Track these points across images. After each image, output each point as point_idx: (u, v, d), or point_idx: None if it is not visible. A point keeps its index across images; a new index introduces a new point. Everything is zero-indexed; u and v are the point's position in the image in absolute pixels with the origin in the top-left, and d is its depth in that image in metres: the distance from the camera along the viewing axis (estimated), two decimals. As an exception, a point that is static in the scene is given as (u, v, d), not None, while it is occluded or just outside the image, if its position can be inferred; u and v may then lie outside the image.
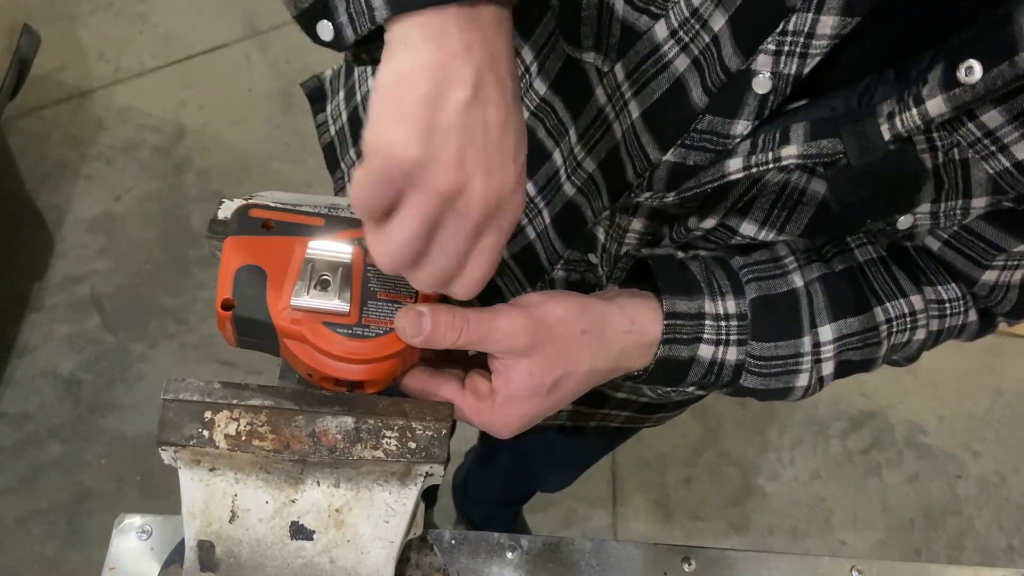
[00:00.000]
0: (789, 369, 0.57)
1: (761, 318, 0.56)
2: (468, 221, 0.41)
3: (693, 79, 0.48)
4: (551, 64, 0.57)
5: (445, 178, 0.39)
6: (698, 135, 0.50)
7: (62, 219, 1.89)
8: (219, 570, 0.48)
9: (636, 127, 0.52)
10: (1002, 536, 1.76)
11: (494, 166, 0.40)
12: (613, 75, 0.52)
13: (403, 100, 0.39)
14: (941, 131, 0.46)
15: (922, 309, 0.59)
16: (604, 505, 1.71)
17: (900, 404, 1.89)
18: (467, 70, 0.39)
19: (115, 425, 1.66)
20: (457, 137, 0.39)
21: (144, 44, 2.17)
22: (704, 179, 0.49)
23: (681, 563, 0.68)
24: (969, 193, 0.48)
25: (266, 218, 0.52)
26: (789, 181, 0.51)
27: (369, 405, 0.49)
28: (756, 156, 0.48)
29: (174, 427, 0.47)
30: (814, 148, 0.46)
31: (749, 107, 0.47)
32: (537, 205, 0.64)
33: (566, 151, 0.60)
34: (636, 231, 0.58)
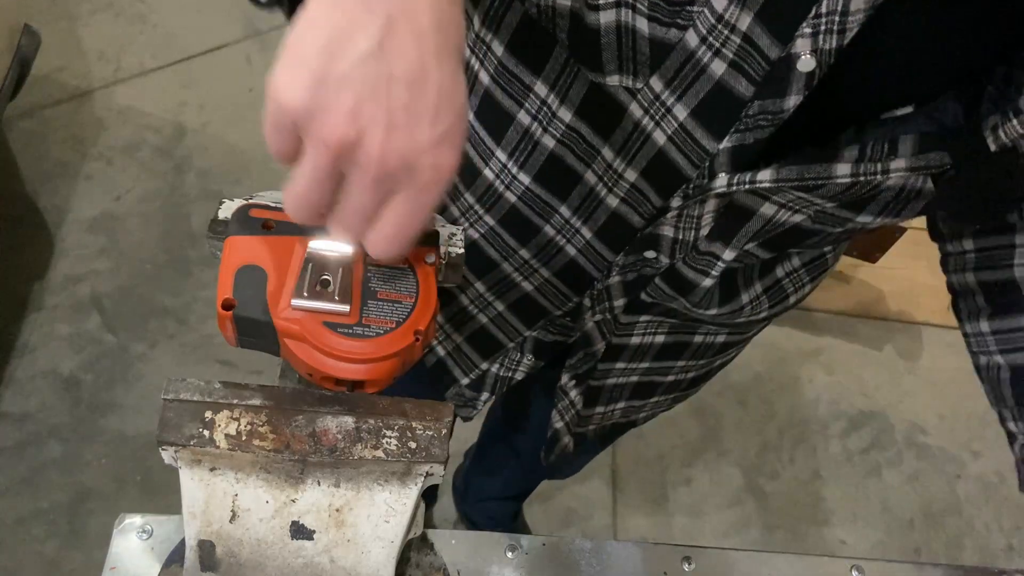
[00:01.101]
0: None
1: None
2: (367, 176, 0.39)
3: (734, 77, 0.49)
4: (575, 92, 0.57)
5: (335, 130, 0.38)
6: (751, 119, 0.50)
7: (62, 219, 1.89)
8: (219, 570, 0.48)
9: (687, 126, 0.53)
10: (1002, 536, 1.76)
11: (397, 122, 0.38)
12: (649, 89, 0.52)
13: (301, 47, 0.38)
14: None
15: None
16: (604, 505, 1.71)
17: (900, 404, 1.89)
18: (375, 19, 0.37)
19: (115, 425, 1.66)
20: (352, 88, 0.37)
21: (144, 44, 2.17)
22: (808, 175, 0.50)
23: (681, 563, 0.68)
24: None
25: (266, 218, 0.52)
26: (906, 184, 0.52)
27: (369, 405, 0.49)
28: (864, 165, 0.49)
29: (174, 427, 0.48)
30: (922, 161, 0.47)
31: (797, 84, 0.48)
32: (574, 225, 0.65)
33: (601, 168, 0.60)
34: (711, 211, 0.58)
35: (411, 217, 0.41)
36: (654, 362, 0.79)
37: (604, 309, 0.71)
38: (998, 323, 0.64)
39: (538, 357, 0.80)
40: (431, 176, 0.40)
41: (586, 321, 0.72)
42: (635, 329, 0.75)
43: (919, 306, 2.00)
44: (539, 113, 0.60)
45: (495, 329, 0.79)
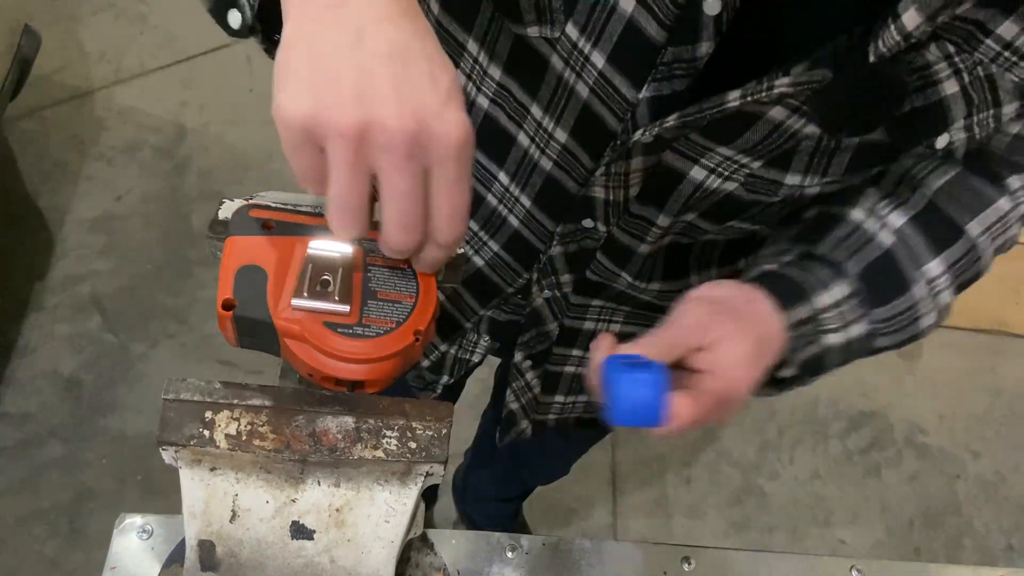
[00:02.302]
0: (912, 318, 0.60)
1: (871, 287, 0.59)
2: (397, 154, 0.39)
3: (644, 17, 0.50)
4: (500, 48, 0.58)
5: (344, 118, 0.38)
6: (667, 67, 0.51)
7: (63, 219, 1.89)
8: (220, 570, 0.48)
9: (606, 74, 0.53)
10: (1001, 536, 1.76)
11: (402, 92, 0.39)
12: (566, 37, 0.53)
13: (287, 65, 0.39)
14: (962, 54, 0.48)
15: (1009, 207, 0.61)
16: (604, 505, 1.71)
17: (900, 404, 1.89)
18: (344, 17, 0.39)
19: (116, 425, 1.67)
20: (347, 78, 0.38)
21: (145, 44, 2.17)
22: (705, 106, 0.51)
23: (681, 563, 0.68)
24: (999, 103, 0.51)
25: (266, 218, 0.52)
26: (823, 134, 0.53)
27: (369, 405, 0.49)
28: (752, 86, 0.49)
29: (175, 427, 0.48)
30: (805, 76, 0.48)
31: (707, 30, 0.49)
32: (513, 193, 0.65)
33: (531, 129, 0.61)
34: (638, 170, 0.59)
35: (458, 187, 0.42)
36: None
37: (552, 285, 0.71)
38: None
39: (494, 338, 0.81)
40: (456, 136, 0.40)
41: (535, 297, 0.73)
42: (588, 313, 0.75)
43: (919, 306, 1.99)
44: (472, 72, 0.61)
45: (452, 308, 0.80)
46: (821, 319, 0.58)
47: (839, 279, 0.58)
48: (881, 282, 0.59)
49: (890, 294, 0.59)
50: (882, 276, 0.59)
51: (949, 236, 0.60)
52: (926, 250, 0.60)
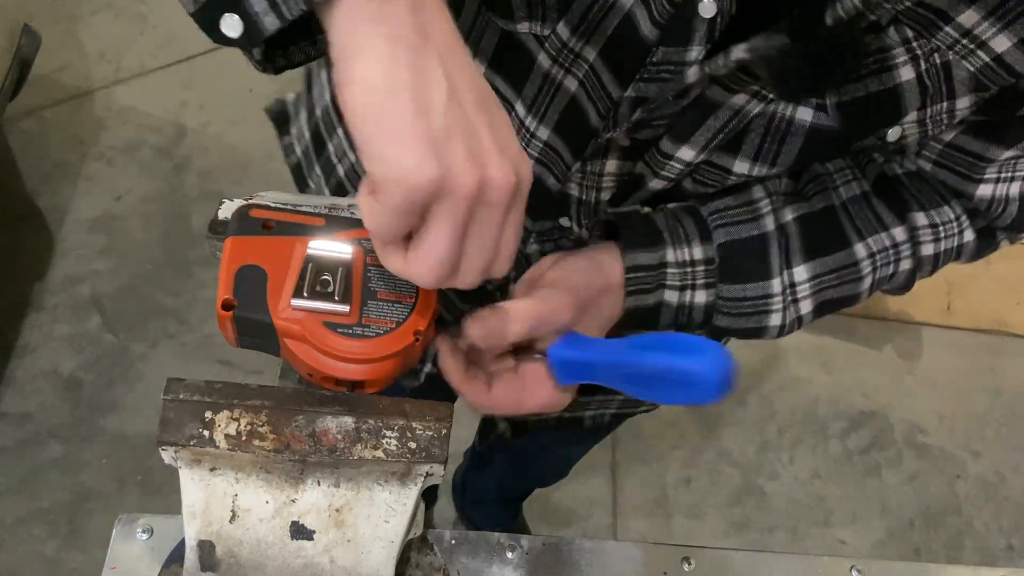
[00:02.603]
0: (760, 309, 0.59)
1: (728, 262, 0.58)
2: (498, 207, 0.40)
3: (641, 13, 0.49)
4: (486, 43, 0.57)
5: (468, 180, 0.38)
6: (655, 68, 0.51)
7: (62, 219, 1.89)
8: (219, 570, 0.48)
9: (595, 67, 0.53)
10: (1001, 536, 1.76)
11: (500, 142, 0.39)
12: (556, 36, 0.53)
13: (393, 120, 0.37)
14: (920, 39, 0.47)
15: (905, 240, 0.61)
16: (604, 505, 1.71)
17: (900, 404, 1.89)
18: (434, 62, 0.37)
19: (115, 425, 1.67)
20: (458, 135, 0.38)
21: (145, 44, 2.17)
22: (666, 88, 0.51)
23: (681, 563, 0.68)
24: (953, 94, 0.50)
25: (266, 218, 0.52)
26: (776, 113, 0.52)
27: (369, 405, 0.49)
28: (711, 60, 0.49)
29: (174, 427, 0.48)
30: (761, 42, 0.47)
31: (699, 33, 0.48)
32: None
33: (515, 126, 0.60)
34: (612, 173, 0.59)
35: (520, 226, 0.43)
36: None
37: None
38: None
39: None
40: (527, 179, 0.41)
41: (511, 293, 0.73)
42: None
43: (919, 306, 2.00)
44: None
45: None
46: (666, 272, 0.58)
47: (701, 241, 0.58)
48: (740, 261, 0.58)
49: (744, 276, 0.58)
50: (744, 256, 0.58)
51: (830, 246, 0.60)
52: (800, 250, 0.59)
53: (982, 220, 0.62)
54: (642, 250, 0.58)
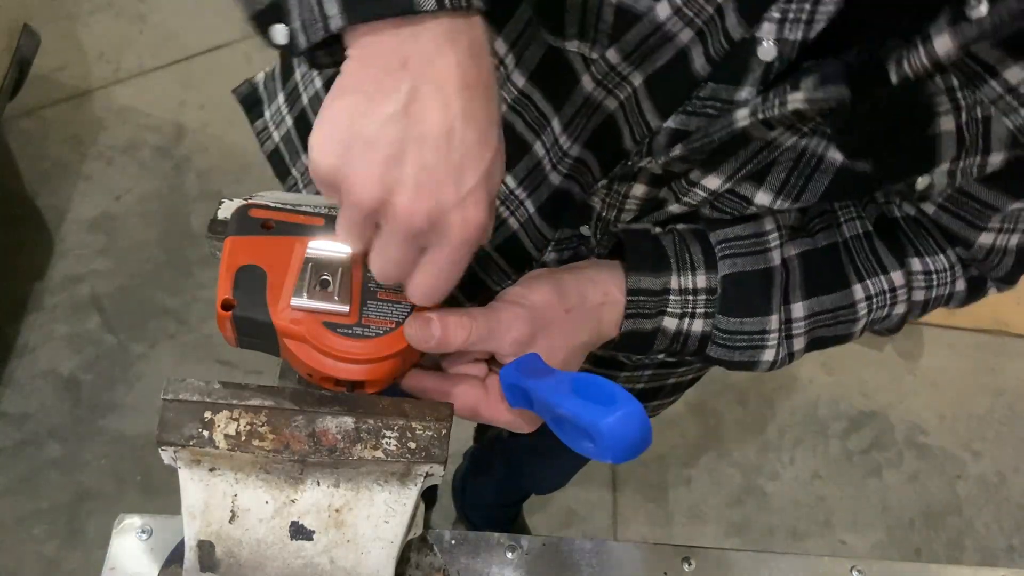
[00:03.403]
0: (755, 344, 0.58)
1: (731, 294, 0.57)
2: (397, 234, 0.41)
3: (696, 49, 0.48)
4: (530, 55, 0.56)
5: (363, 191, 0.39)
6: (700, 102, 0.49)
7: (62, 219, 1.89)
8: (219, 570, 0.48)
9: (638, 93, 0.52)
10: (1002, 536, 1.76)
11: (422, 183, 0.39)
12: (604, 60, 0.52)
13: (332, 111, 0.39)
14: (964, 90, 0.46)
15: (902, 284, 0.60)
16: (604, 505, 1.71)
17: (900, 404, 1.89)
18: (400, 85, 0.38)
19: (115, 425, 1.66)
20: (378, 151, 0.39)
21: (144, 44, 2.17)
22: (712, 129, 0.49)
23: (681, 563, 0.68)
24: (988, 149, 0.49)
25: (266, 218, 0.52)
26: (807, 148, 0.50)
27: (369, 405, 0.49)
28: (764, 104, 0.47)
29: (174, 427, 0.47)
30: (821, 93, 0.45)
31: (754, 74, 0.47)
32: (519, 197, 0.64)
33: (549, 142, 0.59)
34: (637, 197, 0.58)
35: (444, 272, 0.43)
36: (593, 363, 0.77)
37: None
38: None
39: None
40: (460, 233, 0.41)
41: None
42: None
43: (919, 306, 1.99)
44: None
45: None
46: (668, 299, 0.57)
47: (706, 270, 0.57)
48: (742, 295, 0.57)
49: (744, 310, 0.57)
50: (747, 290, 0.57)
51: (830, 286, 0.59)
52: (800, 287, 0.58)
53: (975, 269, 0.61)
54: (646, 274, 0.56)
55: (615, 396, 0.44)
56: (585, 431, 0.44)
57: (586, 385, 0.46)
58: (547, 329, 0.53)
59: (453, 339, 0.49)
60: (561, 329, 0.53)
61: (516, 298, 0.53)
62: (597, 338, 0.56)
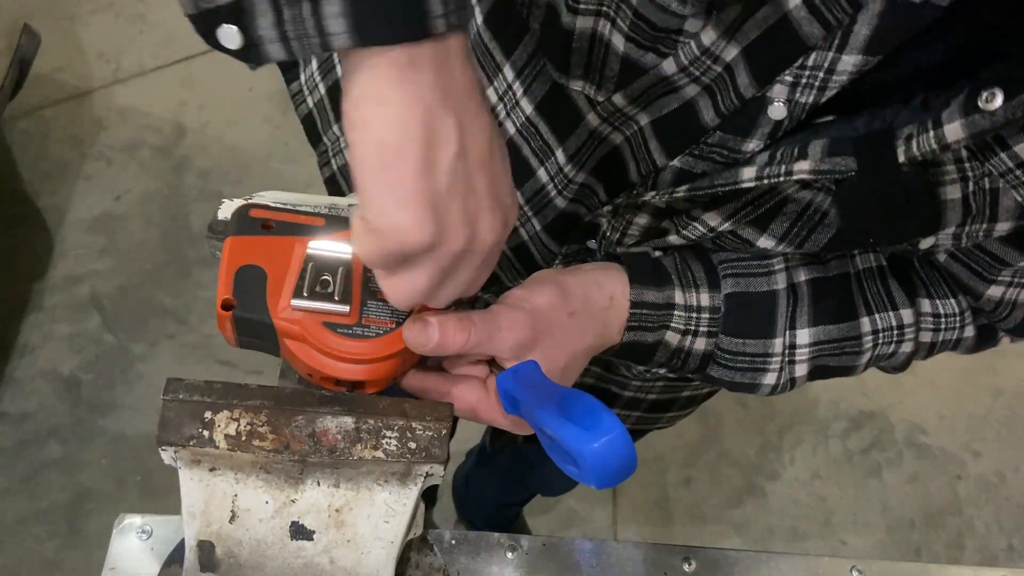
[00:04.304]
0: (756, 366, 0.57)
1: (733, 313, 0.56)
2: (479, 257, 0.42)
3: (704, 102, 0.48)
4: (536, 87, 0.57)
5: (457, 239, 0.39)
6: (708, 147, 0.49)
7: (62, 219, 1.89)
8: (219, 570, 0.48)
9: (644, 132, 0.52)
10: (1002, 536, 1.76)
11: (493, 197, 0.40)
12: (610, 103, 0.52)
13: (397, 175, 0.37)
14: (973, 161, 0.45)
15: (911, 323, 0.59)
16: (604, 505, 1.71)
17: (900, 404, 1.89)
18: (449, 123, 0.38)
19: (115, 425, 1.66)
20: (457, 195, 0.39)
21: (144, 44, 2.17)
22: (717, 182, 0.49)
23: (681, 563, 0.68)
24: (995, 218, 0.48)
25: (266, 218, 0.52)
26: (812, 202, 0.50)
27: (369, 405, 0.49)
28: (771, 168, 0.47)
29: (174, 427, 0.47)
30: (827, 164, 0.46)
31: (762, 130, 0.47)
32: (526, 212, 0.64)
33: (553, 170, 0.60)
34: (640, 225, 0.58)
35: (496, 259, 0.44)
36: (604, 369, 0.77)
37: None
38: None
39: None
40: (514, 220, 0.43)
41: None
42: None
43: (919, 306, 1.99)
44: (504, 97, 0.60)
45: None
46: (672, 313, 0.56)
47: (709, 289, 0.57)
48: (745, 316, 0.57)
49: (747, 331, 0.57)
50: (750, 311, 0.57)
51: (838, 315, 0.58)
52: (807, 314, 0.57)
53: (985, 318, 0.61)
54: (649, 287, 0.56)
55: (601, 420, 0.43)
56: (569, 455, 0.43)
57: (574, 404, 0.45)
58: (549, 333, 0.52)
59: (451, 343, 0.49)
60: (563, 333, 0.53)
61: (517, 302, 0.53)
62: (602, 342, 0.56)
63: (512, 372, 0.51)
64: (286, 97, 0.80)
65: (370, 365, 0.49)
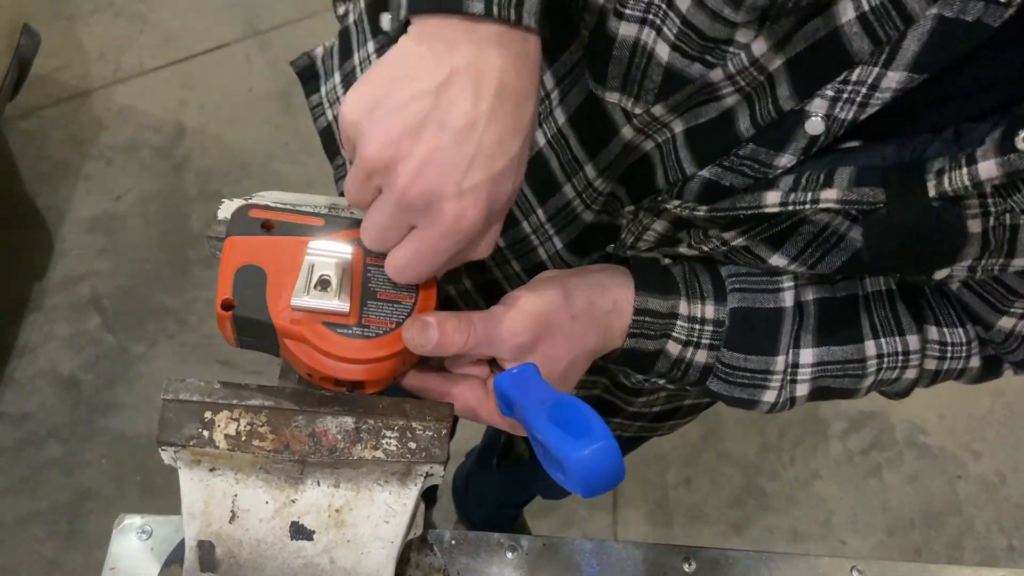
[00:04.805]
0: (756, 383, 0.57)
1: (737, 328, 0.56)
2: (390, 200, 0.43)
3: (742, 111, 0.48)
4: (573, 97, 0.56)
5: (371, 150, 0.41)
6: (738, 159, 0.49)
7: (62, 219, 1.89)
8: (219, 570, 0.48)
9: (676, 140, 0.52)
10: (1002, 536, 1.76)
11: (430, 162, 0.41)
12: (648, 114, 0.51)
13: (373, 74, 0.42)
14: (996, 197, 0.45)
15: (917, 350, 0.58)
16: (604, 505, 1.71)
17: (900, 404, 1.88)
18: (440, 68, 0.41)
19: (115, 425, 1.66)
20: (399, 119, 0.41)
21: (144, 44, 2.17)
22: (739, 204, 0.49)
23: (681, 563, 0.68)
24: (1013, 254, 0.48)
25: (266, 218, 0.52)
26: (830, 225, 0.50)
27: (369, 405, 0.49)
28: (796, 194, 0.47)
29: (174, 427, 0.47)
30: (855, 194, 0.45)
31: (797, 144, 0.46)
32: (548, 231, 0.64)
33: (580, 185, 0.59)
34: (656, 231, 0.57)
35: (424, 255, 0.45)
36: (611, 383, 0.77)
37: None
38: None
39: None
40: (450, 224, 0.42)
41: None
42: None
43: (919, 306, 1.99)
44: (541, 105, 0.59)
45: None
46: (674, 323, 0.56)
47: (715, 301, 0.56)
48: (749, 331, 0.56)
49: (749, 347, 0.56)
50: (754, 327, 0.56)
51: (843, 337, 0.57)
52: (812, 334, 0.57)
53: (991, 349, 0.60)
54: (655, 295, 0.56)
55: (591, 428, 0.43)
56: (557, 461, 0.43)
57: (566, 412, 0.45)
58: (550, 335, 0.52)
59: (450, 344, 0.49)
60: (565, 335, 0.53)
61: (520, 303, 0.52)
62: (604, 345, 0.56)
63: (509, 375, 0.50)
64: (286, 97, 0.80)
65: (370, 365, 0.49)
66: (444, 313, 0.49)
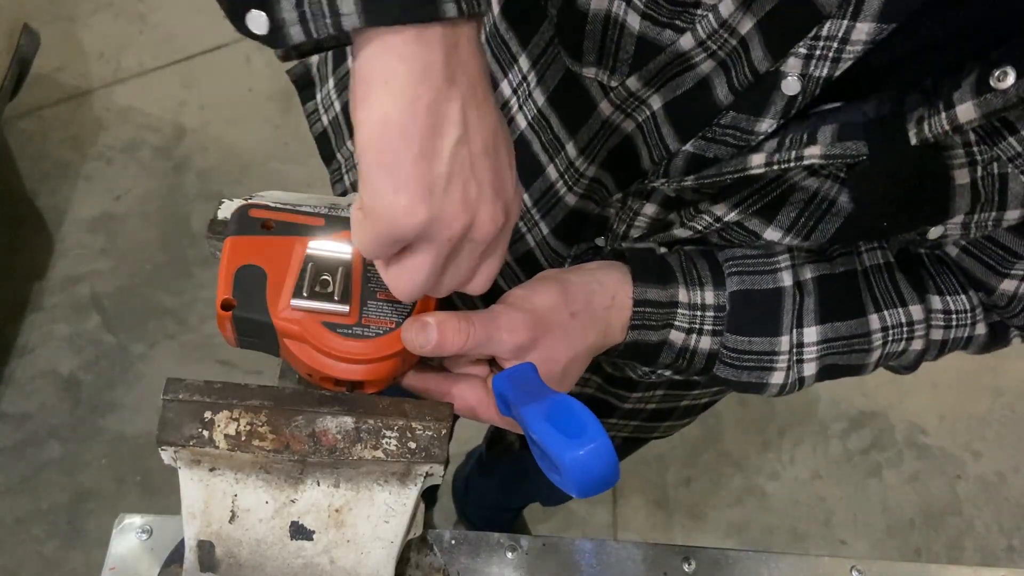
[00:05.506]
0: (763, 365, 0.57)
1: (739, 311, 0.56)
2: (479, 245, 0.41)
3: (719, 78, 0.48)
4: (550, 76, 0.56)
5: (454, 224, 0.39)
6: (720, 129, 0.49)
7: (62, 219, 1.89)
8: (219, 570, 0.48)
9: (657, 117, 0.52)
10: (1002, 536, 1.76)
11: (495, 187, 0.40)
12: (623, 88, 0.51)
13: (397, 157, 0.37)
14: (981, 145, 0.45)
15: (921, 319, 0.58)
16: (604, 505, 1.71)
17: (900, 404, 1.89)
18: (454, 108, 0.38)
19: (115, 425, 1.66)
20: (457, 181, 0.38)
21: (144, 44, 2.17)
22: (725, 169, 0.49)
23: (681, 563, 0.68)
24: (1004, 206, 0.48)
25: (266, 218, 0.52)
26: (819, 190, 0.50)
27: (369, 405, 0.49)
28: (780, 154, 0.47)
29: (174, 427, 0.47)
30: (838, 148, 0.45)
31: (775, 107, 0.47)
32: (533, 216, 0.64)
33: (563, 166, 0.59)
34: (647, 215, 0.57)
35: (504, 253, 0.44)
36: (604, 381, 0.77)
37: None
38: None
39: None
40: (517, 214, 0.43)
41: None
42: None
43: (919, 306, 1.99)
44: (518, 89, 0.59)
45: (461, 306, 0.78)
46: (675, 312, 0.56)
47: (714, 287, 0.56)
48: (750, 313, 0.56)
49: (753, 329, 0.56)
50: (756, 309, 0.56)
51: (846, 312, 0.57)
52: (814, 312, 0.57)
53: (996, 315, 0.60)
54: (653, 285, 0.56)
55: (586, 429, 0.42)
56: (552, 461, 0.43)
57: (562, 410, 0.44)
58: (549, 333, 0.52)
59: (450, 344, 0.49)
60: (564, 333, 0.53)
61: (518, 302, 0.52)
62: (604, 341, 0.56)
63: (507, 374, 0.50)
64: (286, 97, 0.81)
65: (370, 365, 0.49)
66: (443, 313, 0.49)
